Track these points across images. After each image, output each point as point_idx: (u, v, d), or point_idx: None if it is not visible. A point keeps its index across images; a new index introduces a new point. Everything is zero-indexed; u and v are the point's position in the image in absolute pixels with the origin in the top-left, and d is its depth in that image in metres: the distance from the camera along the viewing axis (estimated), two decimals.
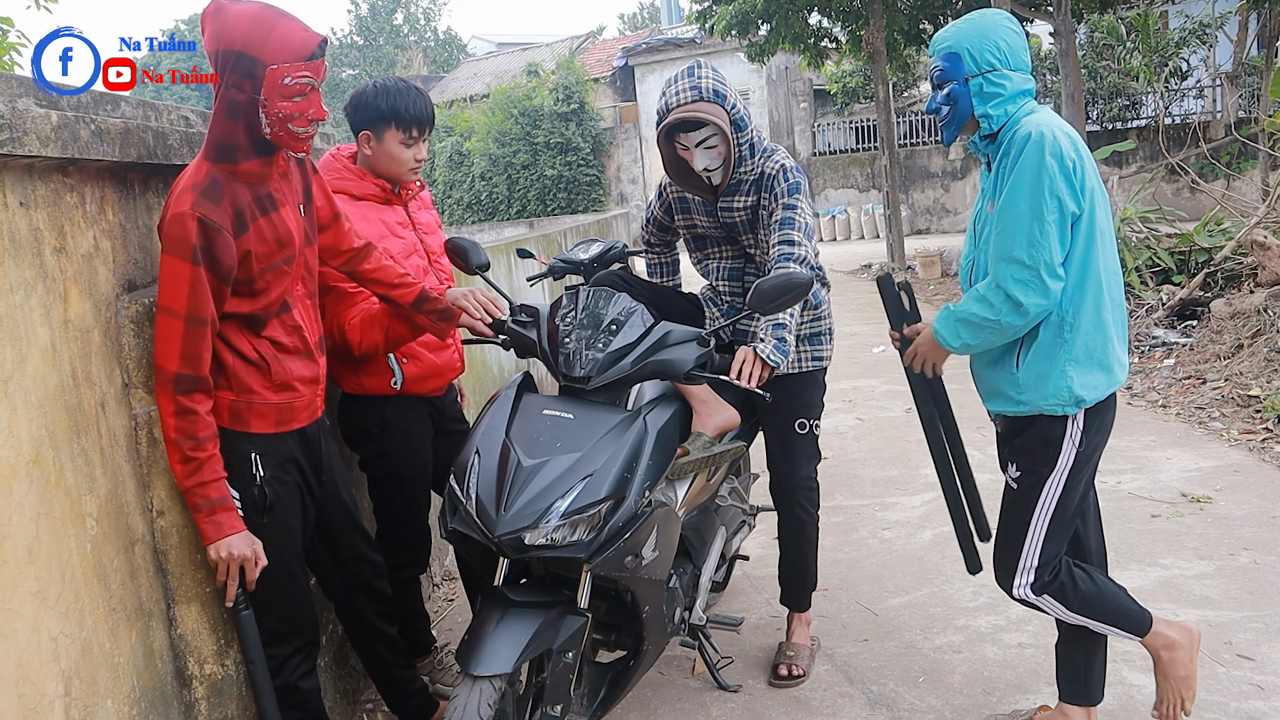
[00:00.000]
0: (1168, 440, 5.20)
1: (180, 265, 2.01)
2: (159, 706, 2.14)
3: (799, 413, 3.01)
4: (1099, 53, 19.72)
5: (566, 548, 2.07)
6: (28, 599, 1.73)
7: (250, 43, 2.01)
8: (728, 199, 2.91)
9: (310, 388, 2.32)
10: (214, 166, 2.08)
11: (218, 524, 2.10)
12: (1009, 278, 2.21)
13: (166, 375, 2.04)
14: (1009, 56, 2.30)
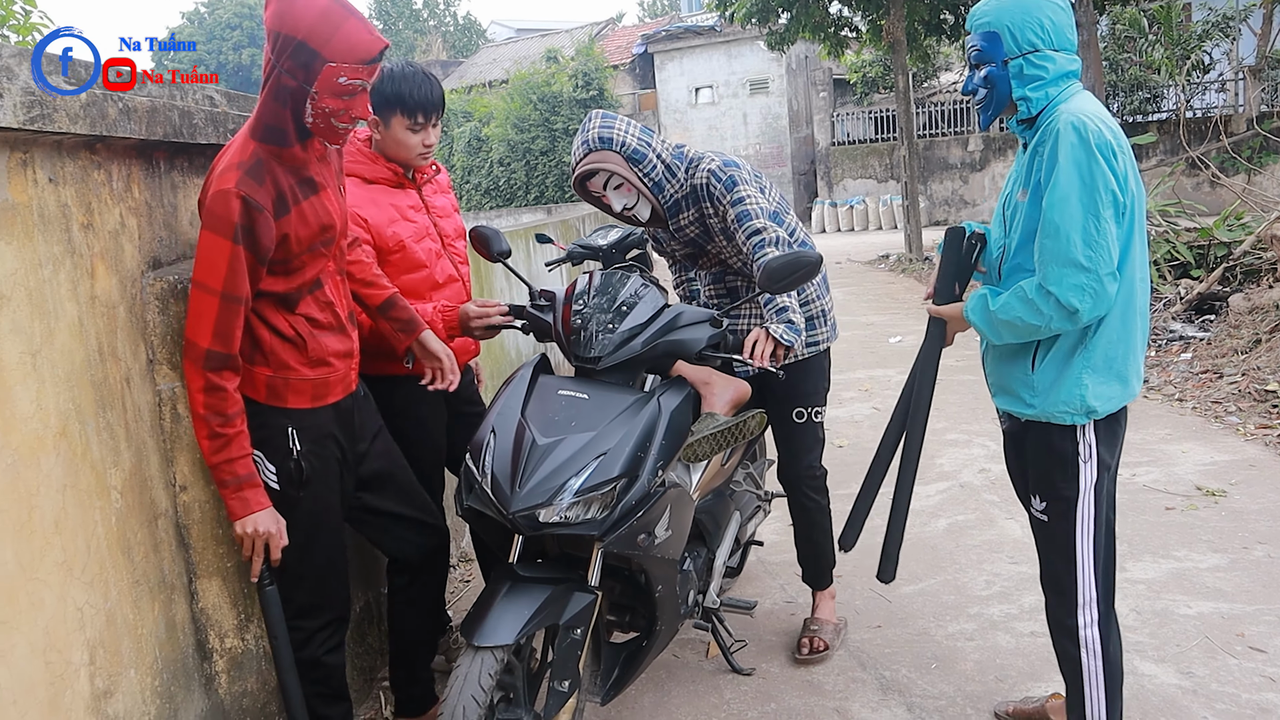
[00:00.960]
0: (1183, 434, 5.18)
1: (220, 242, 2.02)
2: (180, 678, 2.17)
3: (796, 402, 3.01)
4: (1120, 45, 19.58)
5: (580, 525, 2.09)
6: (55, 569, 1.76)
7: (314, 35, 1.99)
8: (674, 219, 2.94)
9: (344, 362, 2.34)
10: (260, 147, 2.09)
11: (244, 500, 2.12)
12: (1065, 283, 2.03)
13: (198, 351, 2.05)
14: (1053, 35, 2.14)
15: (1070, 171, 2.03)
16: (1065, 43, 2.15)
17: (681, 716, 2.81)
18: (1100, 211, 2.01)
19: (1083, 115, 2.05)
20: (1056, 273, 2.04)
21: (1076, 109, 2.08)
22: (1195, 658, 2.92)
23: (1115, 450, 2.26)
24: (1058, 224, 2.04)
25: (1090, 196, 2.01)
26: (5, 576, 1.63)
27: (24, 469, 1.69)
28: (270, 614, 2.22)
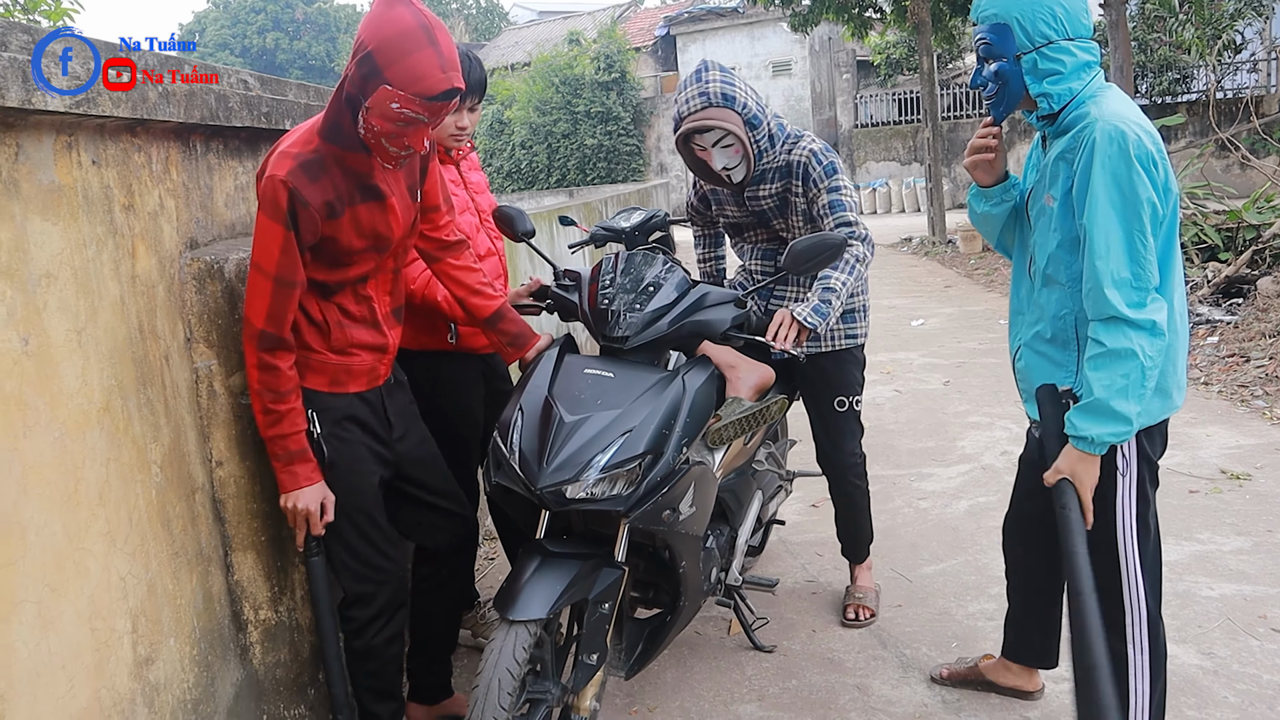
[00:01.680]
0: (1208, 417, 5.17)
1: (273, 226, 2.05)
2: (217, 648, 2.23)
3: (837, 391, 3.08)
4: (1150, 25, 19.32)
5: (606, 501, 2.13)
6: (99, 539, 1.81)
7: (382, 52, 1.94)
8: (754, 188, 2.96)
9: (372, 355, 2.34)
10: (324, 145, 2.08)
11: (294, 474, 2.17)
12: (1127, 303, 1.95)
13: (253, 330, 2.10)
14: (1066, 23, 2.02)
15: (1111, 187, 1.95)
16: (1080, 29, 2.04)
17: (703, 692, 2.85)
18: (1144, 227, 1.95)
19: (1120, 123, 1.96)
20: (1115, 295, 1.96)
21: (1112, 114, 1.98)
22: (1217, 639, 2.94)
23: (1155, 457, 2.21)
24: (1106, 243, 1.95)
25: (1134, 211, 1.94)
26: (54, 546, 1.68)
27: (71, 442, 1.75)
28: (315, 584, 2.28)
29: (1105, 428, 1.98)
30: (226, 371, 2.26)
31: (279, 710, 2.45)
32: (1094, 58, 2.07)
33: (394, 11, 1.96)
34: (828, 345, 3.04)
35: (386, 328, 2.38)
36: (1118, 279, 1.95)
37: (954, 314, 8.62)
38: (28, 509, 1.62)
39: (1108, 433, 1.99)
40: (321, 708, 2.59)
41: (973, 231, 13.05)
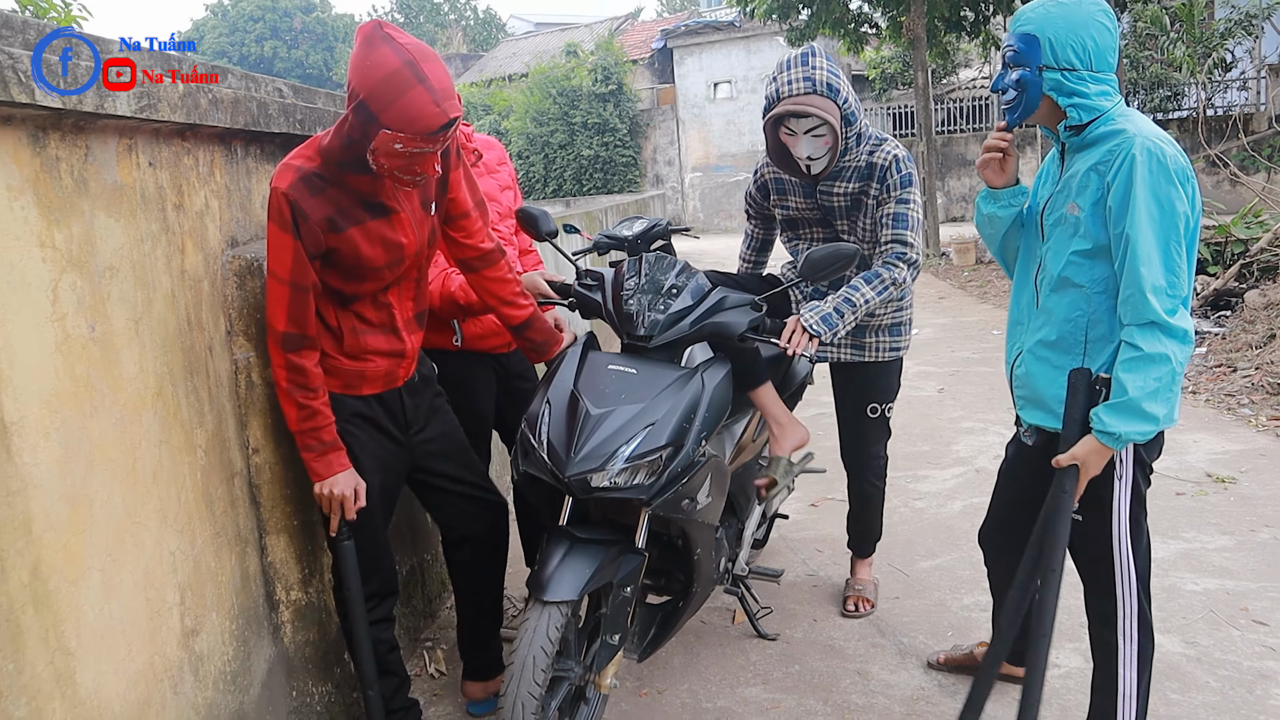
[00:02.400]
0: (1196, 424, 5.31)
1: (282, 235, 2.14)
2: (253, 625, 2.35)
3: (872, 398, 3.18)
4: (1142, 42, 19.57)
5: (629, 490, 2.25)
6: (153, 516, 1.94)
7: (374, 100, 1.99)
8: (828, 184, 2.95)
9: (389, 360, 2.41)
10: (324, 165, 2.15)
11: (328, 463, 2.27)
12: (1165, 309, 2.02)
13: (276, 334, 2.19)
14: (1094, 58, 2.10)
15: (1151, 201, 2.02)
16: (1104, 65, 2.13)
17: (710, 676, 2.98)
18: (1180, 239, 2.03)
19: (1158, 141, 2.05)
20: (1156, 301, 2.02)
21: (1149, 133, 2.07)
22: (1200, 629, 3.07)
23: (1149, 465, 2.28)
24: (1148, 251, 2.02)
25: (1172, 224, 2.02)
26: (114, 519, 1.81)
27: (130, 424, 1.87)
28: (345, 567, 2.38)
29: (1133, 426, 2.05)
30: (264, 364, 2.38)
31: (308, 687, 2.57)
32: (1113, 90, 2.14)
33: (377, 54, 1.99)
34: (872, 356, 3.12)
35: (406, 334, 2.44)
36: (1156, 286, 2.01)
37: (948, 324, 8.77)
38: (94, 483, 1.75)
39: (1134, 431, 2.06)
40: (347, 686, 2.71)
41: (966, 245, 13.22)
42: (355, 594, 2.40)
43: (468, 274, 2.62)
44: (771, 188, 3.16)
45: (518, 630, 2.25)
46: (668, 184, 24.61)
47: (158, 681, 1.92)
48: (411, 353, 2.49)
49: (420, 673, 3.12)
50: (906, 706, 2.76)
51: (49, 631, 1.60)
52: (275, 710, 2.42)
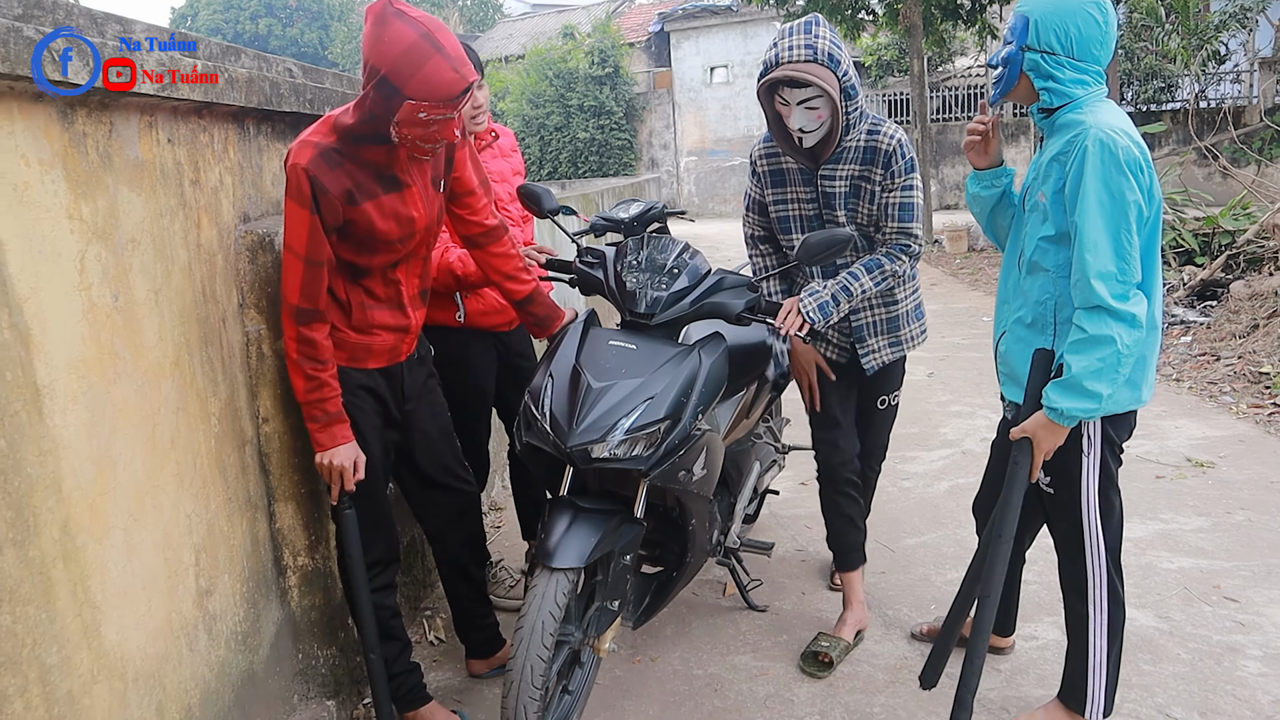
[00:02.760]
0: (1178, 411, 5.42)
1: (300, 211, 2.20)
2: (262, 588, 2.44)
3: (883, 390, 3.17)
4: (1137, 34, 19.64)
5: (628, 460, 2.34)
6: (171, 479, 2.02)
7: (396, 73, 2.06)
8: (831, 166, 2.84)
9: (394, 335, 2.49)
10: (341, 141, 2.21)
11: (332, 435, 2.34)
12: (1111, 294, 2.11)
13: (289, 307, 2.25)
14: (1075, 45, 2.18)
15: (1101, 190, 2.10)
16: (1086, 55, 2.19)
17: (701, 644, 3.08)
18: (1130, 226, 2.10)
19: (1111, 132, 2.11)
20: (1101, 287, 2.11)
21: (1104, 123, 2.13)
22: (1173, 605, 3.18)
23: (1119, 444, 2.40)
24: (1095, 239, 2.11)
25: (1121, 211, 2.10)
26: (136, 481, 1.89)
27: (150, 390, 1.95)
28: (347, 535, 2.46)
29: (1074, 403, 2.16)
30: (274, 336, 2.46)
31: (313, 650, 2.66)
32: (1092, 80, 2.21)
33: (392, 30, 2.07)
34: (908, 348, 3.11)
35: (411, 309, 2.52)
36: (1103, 272, 2.10)
37: (939, 310, 8.86)
38: (118, 446, 1.83)
39: (1076, 408, 2.17)
40: (351, 650, 2.80)
41: (959, 232, 13.31)
42: (356, 561, 2.47)
43: (473, 250, 2.70)
44: (768, 180, 2.99)
45: (523, 598, 2.34)
46: (663, 168, 24.64)
47: (175, 638, 2.01)
48: (415, 329, 2.57)
49: (420, 640, 3.21)
50: (890, 674, 2.87)
51: (77, 585, 1.69)
52: (282, 671, 2.51)
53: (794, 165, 2.91)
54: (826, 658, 2.91)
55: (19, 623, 1.54)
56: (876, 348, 3.03)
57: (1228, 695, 2.67)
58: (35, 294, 1.61)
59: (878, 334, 3.02)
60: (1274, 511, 3.90)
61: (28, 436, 1.57)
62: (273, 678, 2.46)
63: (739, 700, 2.76)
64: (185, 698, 2.03)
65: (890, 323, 3.03)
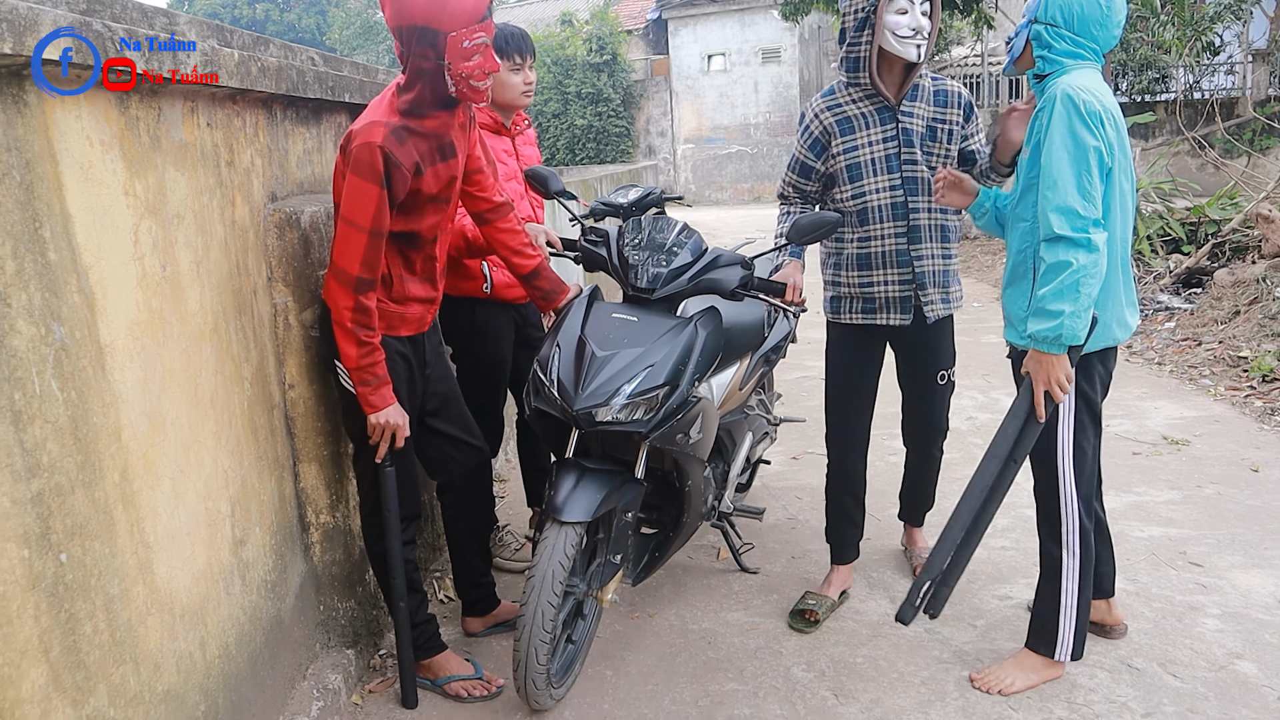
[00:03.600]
0: (1158, 393, 5.62)
1: (369, 187, 2.35)
2: (287, 543, 2.62)
3: (941, 364, 3.22)
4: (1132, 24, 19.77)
5: (630, 424, 2.52)
6: (210, 436, 2.20)
7: (430, 17, 2.27)
8: (910, 103, 3.00)
9: (423, 306, 2.68)
10: (405, 119, 2.40)
11: (383, 396, 2.51)
12: (1069, 225, 2.31)
13: (349, 276, 2.39)
14: (1075, 21, 2.41)
15: (1066, 135, 2.33)
16: (1084, 32, 2.42)
17: (696, 602, 3.27)
18: (1090, 169, 2.32)
19: (1075, 87, 2.35)
20: (1059, 219, 2.32)
21: (1072, 82, 2.37)
22: (1141, 569, 3.38)
23: (1094, 385, 2.58)
24: (1055, 178, 2.33)
25: (1081, 154, 2.32)
26: (181, 436, 2.07)
27: (193, 353, 2.13)
28: (387, 491, 2.63)
29: (1040, 323, 2.37)
30: (300, 307, 2.64)
31: (333, 602, 2.85)
32: (1086, 55, 2.42)
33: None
34: (956, 305, 3.17)
35: (440, 281, 2.73)
36: (1061, 206, 2.32)
37: None
38: (166, 403, 2.01)
39: (1044, 328, 2.36)
40: (367, 603, 2.99)
41: None
42: (394, 515, 2.64)
43: (481, 225, 2.88)
44: (836, 131, 3.03)
45: (533, 554, 2.53)
46: (660, 155, 24.77)
47: (214, 581, 2.20)
48: (438, 300, 2.77)
49: (431, 599, 3.39)
50: (872, 630, 3.06)
51: (133, 526, 1.87)
52: (305, 620, 2.70)
53: (868, 109, 3.00)
54: (813, 615, 3.10)
55: (88, 555, 1.72)
56: (934, 299, 3.10)
57: (1185, 648, 2.87)
58: (98, 262, 1.79)
59: (936, 284, 3.09)
60: (1242, 485, 4.09)
61: (94, 389, 1.75)
62: (298, 626, 2.64)
63: (731, 652, 2.96)
64: (224, 636, 2.22)
65: (944, 275, 3.11)
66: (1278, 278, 7.00)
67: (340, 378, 2.59)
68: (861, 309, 3.12)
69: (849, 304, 3.15)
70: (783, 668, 2.86)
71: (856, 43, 2.94)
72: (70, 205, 1.72)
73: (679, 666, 2.89)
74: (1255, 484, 4.11)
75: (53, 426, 1.63)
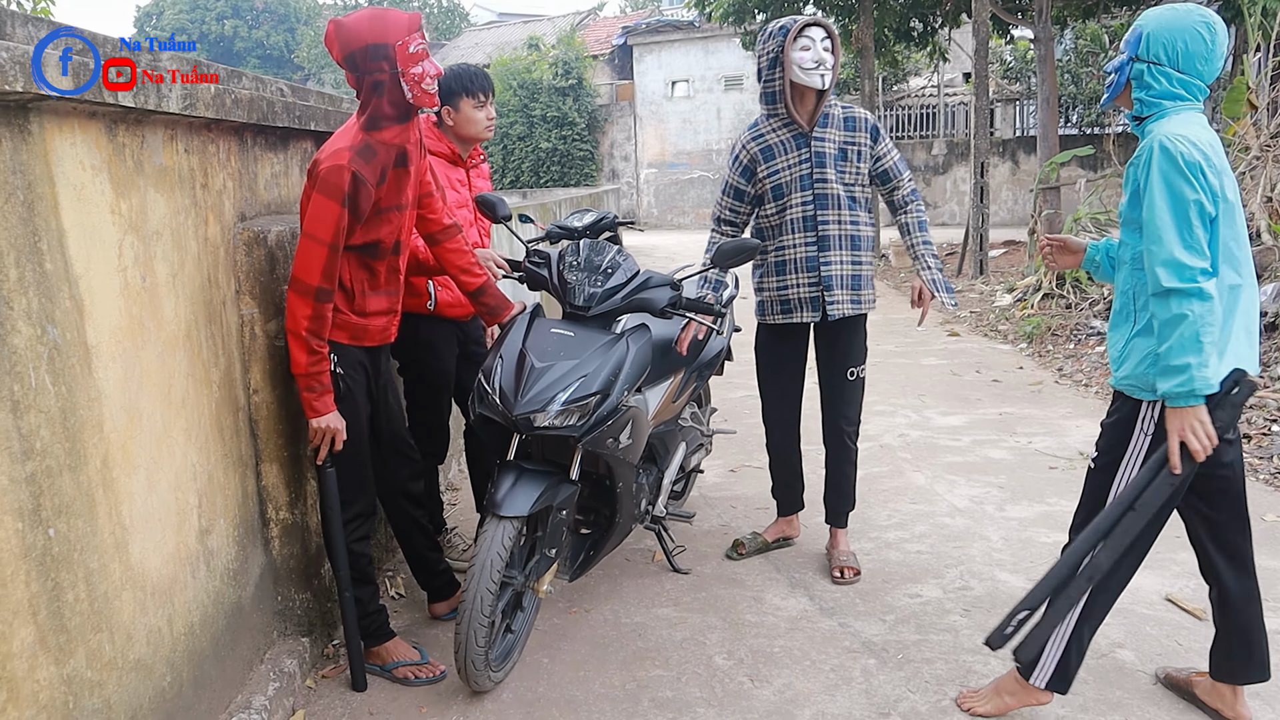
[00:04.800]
0: (1081, 412, 5.96)
1: (332, 205, 2.60)
2: (249, 536, 2.84)
3: (850, 361, 3.59)
4: (1083, 59, 20.49)
5: (565, 428, 2.77)
6: (181, 433, 2.43)
7: (376, 33, 2.59)
8: (821, 129, 3.44)
9: (385, 318, 2.92)
10: (367, 134, 2.67)
11: (325, 402, 2.74)
12: (1176, 278, 2.27)
13: (309, 287, 2.62)
14: (1180, 58, 2.39)
15: (1162, 187, 2.31)
16: (1190, 68, 2.40)
17: (630, 599, 3.51)
18: (1191, 220, 2.29)
19: (1173, 135, 2.33)
20: (1166, 273, 2.29)
21: (1169, 130, 2.35)
22: (1043, 570, 3.65)
23: None
24: (1159, 232, 2.31)
25: (1181, 208, 2.29)
26: (155, 431, 2.29)
27: (167, 357, 2.36)
28: (327, 490, 2.86)
29: (1169, 381, 2.32)
30: (265, 319, 2.86)
31: (290, 593, 3.06)
32: (1189, 95, 2.42)
33: (350, 21, 2.62)
34: (865, 307, 3.53)
35: (399, 296, 2.97)
36: (1167, 260, 2.29)
37: (877, 320, 9.38)
38: (143, 400, 2.24)
39: (1173, 384, 2.31)
40: (323, 595, 3.20)
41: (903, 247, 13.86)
42: (335, 512, 2.88)
43: (431, 246, 3.13)
44: (760, 158, 3.50)
45: (475, 544, 2.77)
46: (623, 179, 25.12)
47: (182, 564, 2.41)
48: (399, 314, 3.00)
49: (382, 596, 3.60)
50: (790, 624, 3.32)
51: (112, 509, 2.09)
52: (264, 608, 2.91)
53: (786, 136, 3.48)
54: (742, 548, 3.65)
55: (72, 531, 1.94)
56: (840, 299, 3.51)
57: None
58: (87, 272, 2.02)
59: (843, 287, 3.50)
60: None
61: (81, 385, 1.98)
62: (257, 613, 2.86)
63: (659, 642, 3.20)
64: (189, 616, 2.44)
65: (854, 279, 3.53)
66: None
67: None
68: (780, 310, 3.57)
69: (770, 306, 3.60)
70: (705, 657, 3.11)
71: (771, 79, 3.41)
72: (65, 222, 1.95)
73: (610, 655, 3.13)
74: None
75: (45, 416, 1.86)
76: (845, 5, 15.17)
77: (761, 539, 3.87)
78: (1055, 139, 12.60)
